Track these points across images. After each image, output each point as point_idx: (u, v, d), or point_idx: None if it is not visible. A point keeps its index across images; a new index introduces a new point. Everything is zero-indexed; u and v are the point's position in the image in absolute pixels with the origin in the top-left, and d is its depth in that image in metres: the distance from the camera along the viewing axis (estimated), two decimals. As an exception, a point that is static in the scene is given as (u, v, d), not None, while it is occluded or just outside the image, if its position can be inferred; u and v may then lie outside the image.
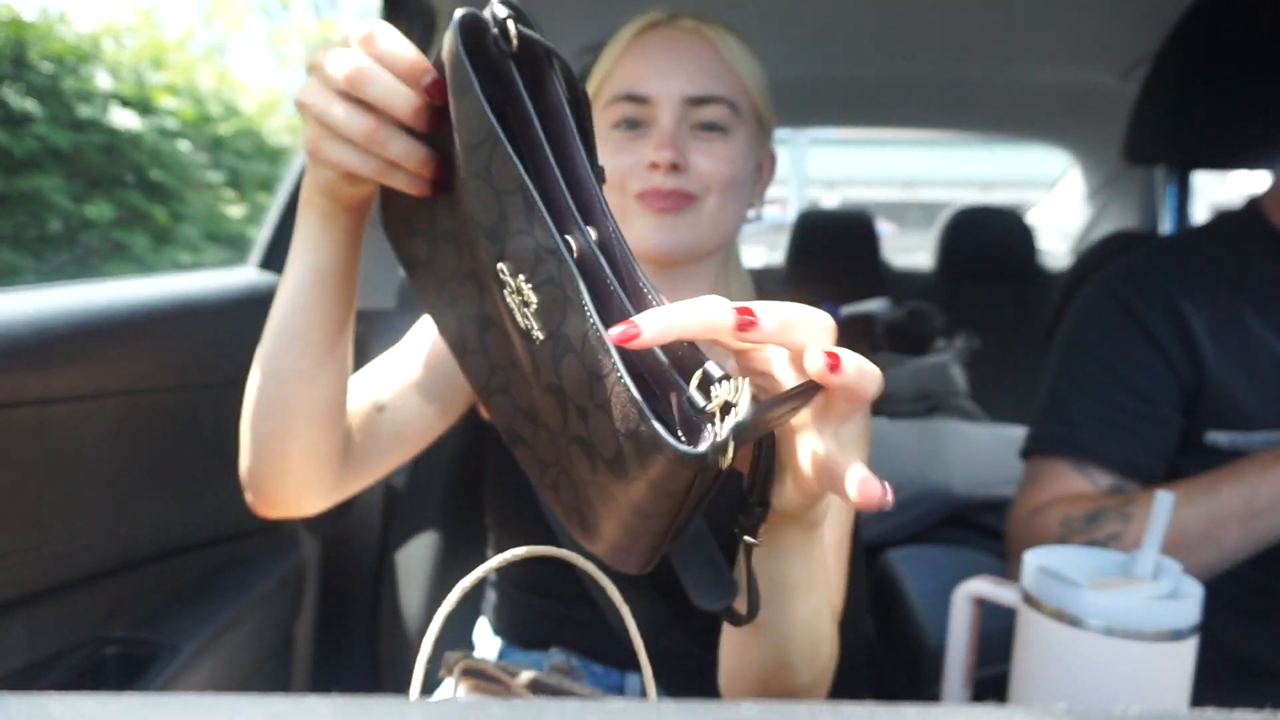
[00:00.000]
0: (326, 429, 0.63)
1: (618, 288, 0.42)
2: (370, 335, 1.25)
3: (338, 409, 0.63)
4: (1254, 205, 0.93)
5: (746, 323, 0.38)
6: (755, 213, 0.82)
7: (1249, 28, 0.99)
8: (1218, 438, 0.88)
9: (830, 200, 13.15)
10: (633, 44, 0.73)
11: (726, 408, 0.37)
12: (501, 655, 0.87)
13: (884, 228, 3.15)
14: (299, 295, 0.57)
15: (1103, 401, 0.92)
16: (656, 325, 0.37)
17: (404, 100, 0.47)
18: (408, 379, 0.74)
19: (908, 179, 14.39)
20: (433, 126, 0.48)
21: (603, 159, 0.48)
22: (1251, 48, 0.99)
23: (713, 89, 0.71)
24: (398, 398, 0.73)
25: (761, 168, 0.81)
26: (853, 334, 2.10)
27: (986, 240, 2.58)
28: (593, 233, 0.42)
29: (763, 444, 0.43)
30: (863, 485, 0.40)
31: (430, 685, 0.96)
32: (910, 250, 3.15)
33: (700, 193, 0.72)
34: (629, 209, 0.72)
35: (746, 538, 0.46)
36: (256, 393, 0.61)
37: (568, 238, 0.42)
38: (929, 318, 2.11)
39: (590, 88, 0.74)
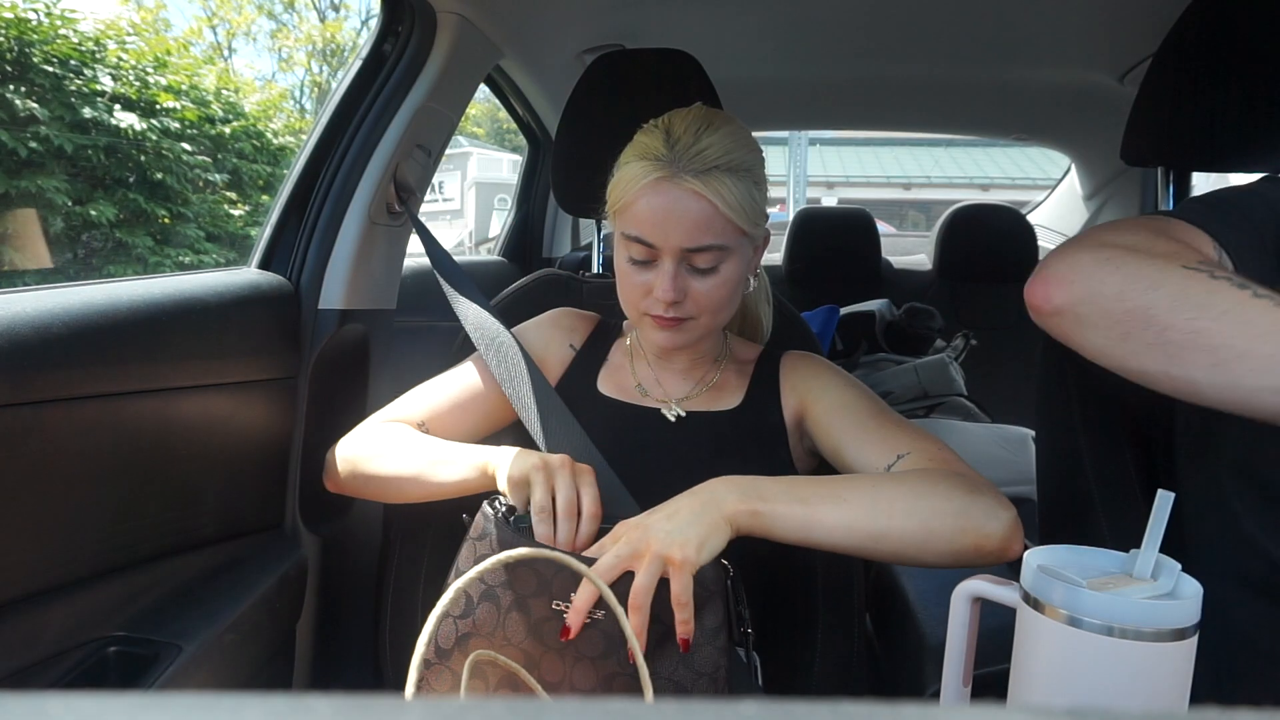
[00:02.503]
0: (420, 498, 0.93)
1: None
2: (370, 335, 1.26)
3: (434, 497, 0.92)
4: None
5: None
6: (750, 286, 0.97)
7: (1247, 29, 0.99)
8: None
9: (829, 200, 13.13)
10: (641, 190, 0.87)
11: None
12: None
13: (883, 227, 3.14)
14: (435, 483, 0.90)
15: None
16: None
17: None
18: (448, 403, 0.99)
19: (906, 179, 14.38)
20: None
21: (624, 279, 0.91)
22: (1249, 50, 0.99)
23: (706, 240, 0.87)
24: (436, 418, 0.98)
25: (758, 249, 0.96)
26: (853, 334, 2.10)
27: (986, 240, 2.57)
28: None
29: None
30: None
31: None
32: (910, 250, 3.14)
33: (697, 314, 0.90)
34: (642, 320, 0.93)
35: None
36: (388, 472, 0.92)
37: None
38: (928, 317, 2.11)
39: (608, 204, 0.93)
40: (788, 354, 1.03)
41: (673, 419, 0.96)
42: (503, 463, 0.82)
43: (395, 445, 0.93)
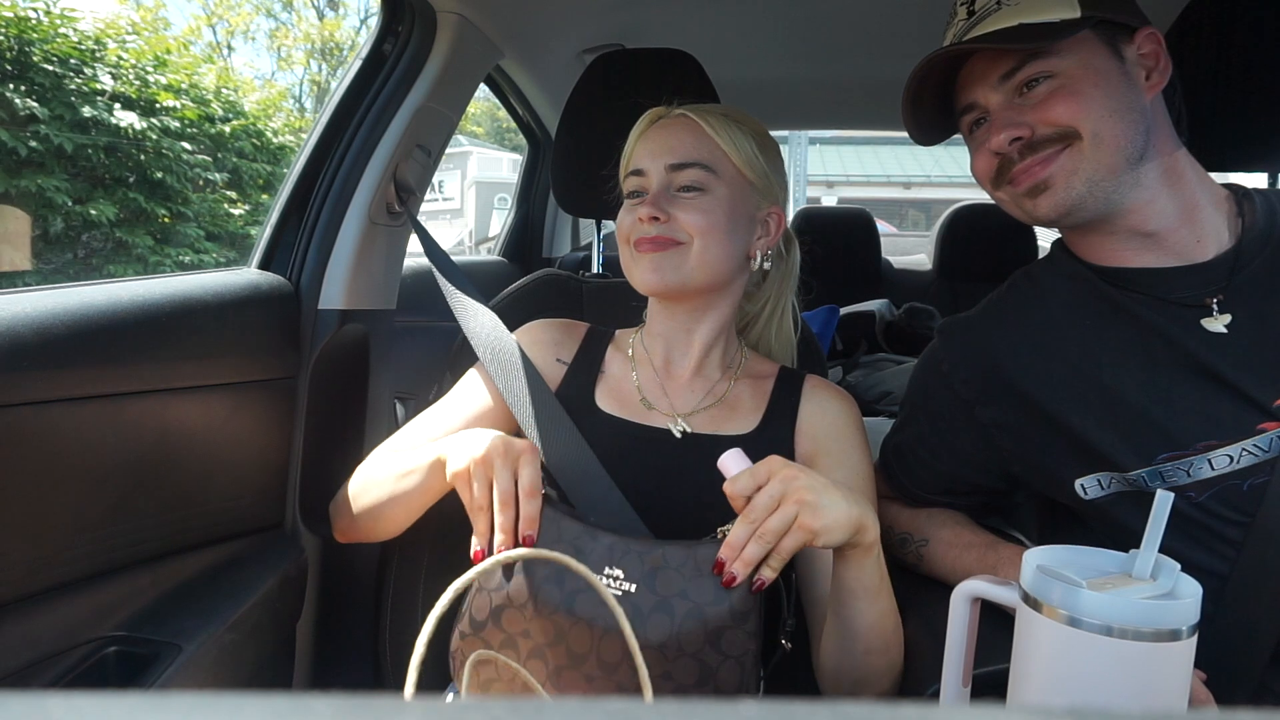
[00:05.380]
0: (410, 516, 0.92)
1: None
2: (370, 335, 1.26)
3: (419, 512, 0.91)
4: (1059, 244, 0.92)
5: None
6: (757, 263, 0.96)
7: (1244, 30, 0.99)
8: (1085, 483, 0.85)
9: (829, 200, 13.13)
10: (641, 133, 0.92)
11: None
12: None
13: (883, 227, 3.14)
14: (408, 498, 0.89)
15: (908, 435, 1.00)
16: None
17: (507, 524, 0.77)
18: (454, 423, 0.95)
19: (906, 179, 14.37)
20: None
21: (619, 221, 0.91)
22: (1247, 49, 0.99)
23: (689, 156, 0.88)
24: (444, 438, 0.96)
25: (767, 223, 0.95)
26: (853, 334, 2.10)
27: (986, 240, 2.57)
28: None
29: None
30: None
31: (429, 684, 0.96)
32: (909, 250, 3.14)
33: (685, 239, 0.89)
34: (630, 256, 0.91)
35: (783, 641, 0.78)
36: (370, 501, 0.91)
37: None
38: (928, 317, 2.11)
39: (620, 173, 0.96)
40: (810, 379, 0.98)
41: (679, 435, 0.92)
42: (450, 457, 0.81)
43: (369, 475, 0.93)
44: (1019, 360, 0.88)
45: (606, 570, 0.75)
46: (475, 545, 0.77)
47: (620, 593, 0.74)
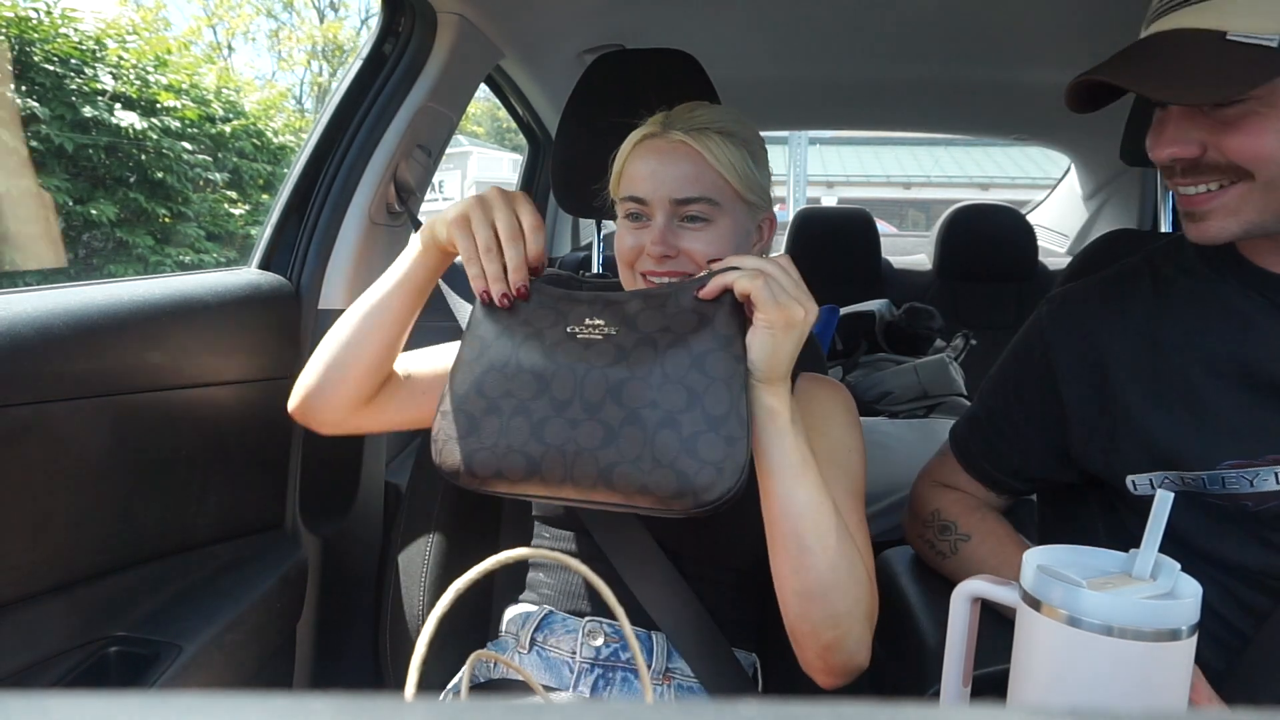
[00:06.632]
0: (376, 370, 0.89)
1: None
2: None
3: (389, 359, 0.90)
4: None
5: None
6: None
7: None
8: (1137, 479, 0.84)
9: (829, 200, 13.13)
10: (634, 150, 0.91)
11: None
12: (543, 622, 0.93)
13: (883, 227, 3.14)
14: (395, 294, 0.87)
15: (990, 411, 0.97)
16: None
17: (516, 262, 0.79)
18: (433, 369, 0.95)
19: (906, 179, 14.37)
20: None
21: (620, 240, 0.91)
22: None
23: (694, 191, 0.87)
24: (420, 377, 0.95)
25: (761, 229, 0.96)
26: (853, 334, 2.10)
27: (986, 240, 2.57)
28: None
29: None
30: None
31: (429, 684, 0.96)
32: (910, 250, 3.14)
33: (693, 270, 0.88)
34: (633, 279, 0.92)
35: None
36: (348, 332, 0.88)
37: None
38: (928, 317, 2.11)
39: (611, 184, 0.95)
40: (805, 376, 0.98)
41: None
42: (440, 219, 0.82)
43: (337, 327, 0.90)
44: (1116, 344, 0.86)
45: (587, 320, 0.76)
46: (490, 288, 0.79)
47: (601, 336, 0.75)
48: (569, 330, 0.76)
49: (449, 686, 0.94)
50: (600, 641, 0.90)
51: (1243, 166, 0.70)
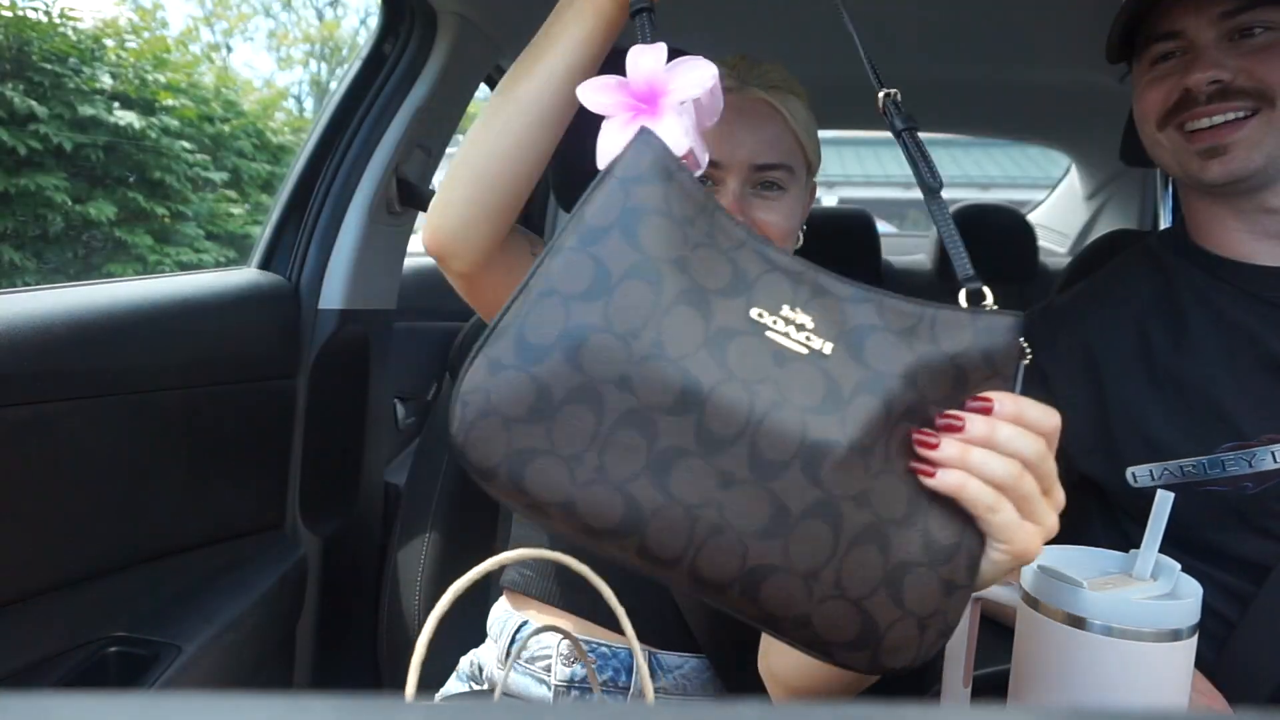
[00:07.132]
0: (529, 178, 0.72)
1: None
2: (370, 335, 1.26)
3: (536, 174, 0.72)
4: (1173, 229, 0.92)
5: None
6: (801, 237, 0.91)
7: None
8: (1137, 471, 0.84)
9: (829, 200, 13.13)
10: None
11: None
12: (517, 635, 0.90)
13: (883, 227, 3.15)
14: (557, 79, 0.68)
15: None
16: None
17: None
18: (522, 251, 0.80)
19: (907, 179, 14.36)
20: None
21: None
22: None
23: (774, 157, 0.80)
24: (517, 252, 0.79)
25: (808, 198, 0.91)
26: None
27: (986, 240, 2.57)
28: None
29: None
30: None
31: (429, 684, 0.96)
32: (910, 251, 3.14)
33: None
34: None
35: None
36: (496, 135, 0.72)
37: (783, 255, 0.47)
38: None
39: None
40: None
41: None
42: None
43: (480, 124, 0.74)
44: (1107, 338, 0.88)
45: (785, 310, 0.45)
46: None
47: (805, 350, 0.44)
48: (754, 315, 0.44)
49: (442, 691, 0.94)
50: (577, 666, 0.85)
51: (1268, 92, 0.77)
